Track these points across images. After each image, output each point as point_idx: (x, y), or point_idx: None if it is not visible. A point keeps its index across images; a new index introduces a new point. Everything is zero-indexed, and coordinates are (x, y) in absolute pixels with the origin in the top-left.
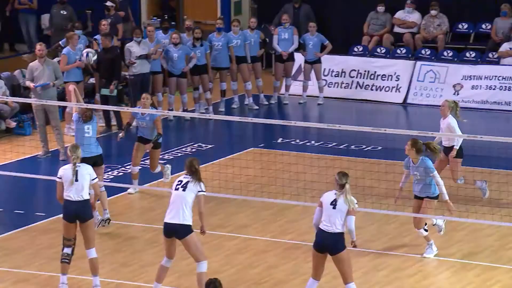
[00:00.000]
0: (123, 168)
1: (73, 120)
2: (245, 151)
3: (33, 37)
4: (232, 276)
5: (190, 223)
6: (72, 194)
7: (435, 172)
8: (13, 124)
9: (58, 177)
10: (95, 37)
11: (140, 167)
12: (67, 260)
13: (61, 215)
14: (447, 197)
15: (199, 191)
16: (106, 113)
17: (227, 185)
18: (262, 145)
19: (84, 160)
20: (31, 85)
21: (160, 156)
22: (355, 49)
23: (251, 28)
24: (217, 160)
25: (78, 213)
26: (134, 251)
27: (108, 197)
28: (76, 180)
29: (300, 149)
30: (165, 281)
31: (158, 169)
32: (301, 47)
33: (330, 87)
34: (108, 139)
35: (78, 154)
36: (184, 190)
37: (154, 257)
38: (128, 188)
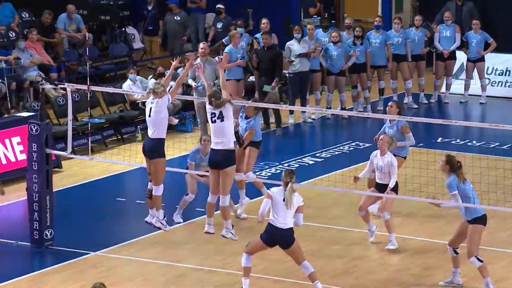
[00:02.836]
0: (280, 166)
1: None
2: None
3: (201, 36)
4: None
5: None
6: None
7: None
8: (175, 121)
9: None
10: (255, 35)
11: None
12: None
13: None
14: None
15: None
16: (264, 111)
17: None
18: (421, 144)
19: None
20: (193, 84)
21: (318, 154)
22: None
23: (416, 26)
24: None
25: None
26: None
27: None
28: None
29: (461, 149)
30: (324, 280)
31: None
32: (464, 45)
33: (493, 86)
34: (267, 136)
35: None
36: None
37: (309, 253)
38: None
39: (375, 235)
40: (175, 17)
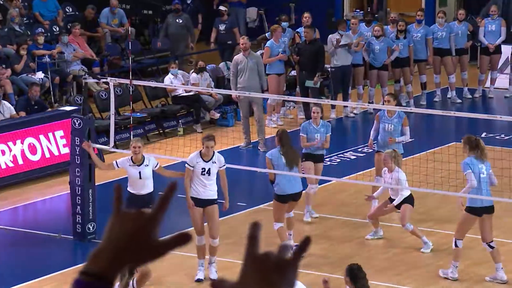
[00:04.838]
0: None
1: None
2: (447, 145)
3: (241, 31)
4: (434, 271)
5: None
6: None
7: None
8: (217, 115)
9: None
10: (297, 30)
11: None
12: None
13: (262, 205)
14: None
15: None
16: (306, 106)
17: (428, 180)
18: None
19: None
20: (235, 96)
21: (360, 149)
22: None
23: (458, 20)
24: (418, 154)
25: None
26: (332, 243)
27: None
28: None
29: (505, 144)
30: None
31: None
32: (510, 39)
33: None
34: None
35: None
36: None
37: (354, 246)
38: (330, 180)
39: (375, 236)
40: (177, 20)
